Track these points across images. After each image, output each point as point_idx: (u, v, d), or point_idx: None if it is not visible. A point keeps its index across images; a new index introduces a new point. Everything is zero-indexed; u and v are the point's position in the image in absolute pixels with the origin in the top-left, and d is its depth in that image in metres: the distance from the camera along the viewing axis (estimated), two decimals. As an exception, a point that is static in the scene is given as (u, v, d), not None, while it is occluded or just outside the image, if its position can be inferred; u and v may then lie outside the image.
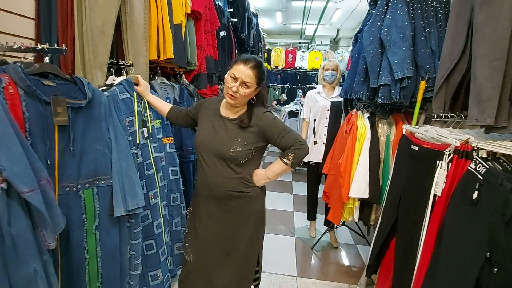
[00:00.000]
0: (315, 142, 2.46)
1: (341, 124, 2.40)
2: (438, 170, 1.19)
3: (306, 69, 8.17)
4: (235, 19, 3.78)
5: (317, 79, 7.88)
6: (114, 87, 1.37)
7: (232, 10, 3.73)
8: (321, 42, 9.50)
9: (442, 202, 1.16)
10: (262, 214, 1.41)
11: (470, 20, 1.30)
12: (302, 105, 4.89)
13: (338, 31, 9.49)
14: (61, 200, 1.18)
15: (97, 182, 1.25)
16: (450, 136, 1.20)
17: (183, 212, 1.79)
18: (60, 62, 1.21)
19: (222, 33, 3.29)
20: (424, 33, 1.58)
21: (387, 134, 1.81)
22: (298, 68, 8.24)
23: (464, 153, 1.12)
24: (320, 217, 2.67)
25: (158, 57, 1.71)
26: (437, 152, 1.22)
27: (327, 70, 2.42)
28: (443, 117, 1.42)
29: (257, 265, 1.43)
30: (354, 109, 2.02)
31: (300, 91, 7.97)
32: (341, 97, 2.28)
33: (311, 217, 2.68)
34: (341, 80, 2.56)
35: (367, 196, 1.77)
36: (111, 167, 1.28)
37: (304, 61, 8.21)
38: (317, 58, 8.14)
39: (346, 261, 2.29)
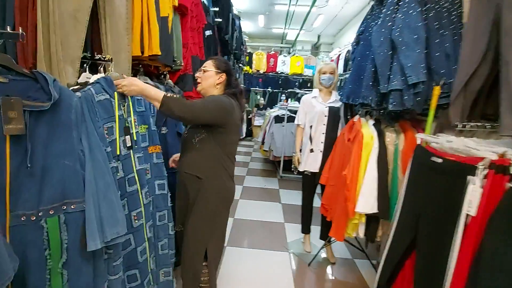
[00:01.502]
0: (311, 150, 2.31)
1: (339, 131, 2.27)
2: (470, 186, 1.05)
3: (288, 74, 8.14)
4: (220, 19, 3.59)
5: (299, 84, 7.83)
6: (89, 86, 1.11)
7: (217, 9, 3.54)
8: (302, 47, 9.55)
9: (477, 224, 1.02)
10: (212, 207, 1.43)
11: (494, 21, 1.20)
12: (287, 110, 4.77)
13: (319, 36, 9.58)
14: (14, 233, 0.91)
15: (65, 207, 0.98)
16: (482, 148, 1.07)
17: (171, 232, 1.54)
18: (17, 53, 0.94)
19: (208, 32, 3.08)
20: (438, 35, 1.48)
21: (395, 143, 1.68)
22: (279, 72, 8.18)
23: (501, 167, 1.00)
24: (314, 229, 2.52)
25: (142, 53, 1.46)
26: (467, 166, 1.09)
27: (324, 73, 2.28)
28: (464, 126, 1.30)
29: (205, 260, 1.46)
30: (357, 116, 1.88)
31: (283, 95, 7.92)
32: (341, 102, 2.15)
33: (306, 230, 2.51)
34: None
35: (375, 211, 1.63)
36: (83, 188, 1.01)
37: (285, 65, 8.16)
38: (298, 63, 8.13)
39: (345, 278, 2.14)
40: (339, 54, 5.46)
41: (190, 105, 1.29)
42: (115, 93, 1.21)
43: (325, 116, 2.26)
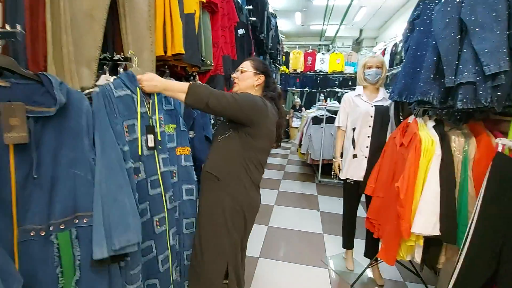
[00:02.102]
0: (355, 156, 2.03)
1: (388, 135, 1.96)
2: None
3: (327, 72, 7.74)
4: (254, 18, 3.46)
5: (339, 83, 7.40)
6: (108, 82, 1.03)
7: (251, 7, 3.41)
8: (343, 43, 9.03)
9: None
10: (234, 214, 1.28)
11: None
12: (326, 110, 4.46)
13: (361, 31, 9.00)
14: (23, 249, 0.84)
15: (77, 221, 0.90)
16: None
17: None
18: (28, 56, 0.87)
19: (241, 31, 2.96)
20: (526, 10, 1.14)
21: (465, 150, 1.36)
22: (318, 71, 7.81)
23: None
24: (358, 243, 2.23)
25: (165, 52, 1.36)
26: None
27: (369, 68, 1.99)
28: None
29: (225, 278, 1.32)
30: (412, 116, 1.58)
31: (321, 95, 7.54)
32: (391, 100, 1.84)
33: (348, 245, 2.23)
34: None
35: (437, 233, 1.32)
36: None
37: (324, 63, 7.77)
38: (338, 60, 7.68)
39: (396, 305, 1.83)
40: (384, 49, 4.99)
41: (219, 94, 1.18)
42: (138, 88, 1.11)
43: (371, 116, 1.97)
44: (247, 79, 1.35)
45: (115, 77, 1.13)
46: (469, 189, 1.32)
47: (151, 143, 1.14)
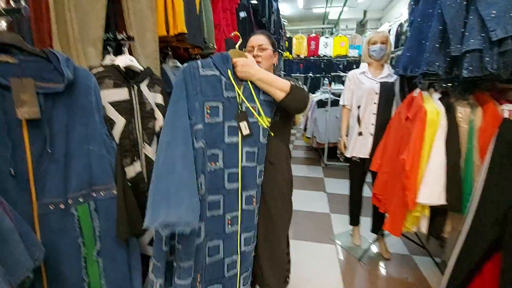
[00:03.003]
0: (360, 134, 2.03)
1: (393, 111, 1.95)
2: None
3: (331, 56, 7.60)
4: (255, 1, 3.41)
5: (343, 67, 7.28)
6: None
7: (251, -11, 3.35)
8: (346, 26, 8.84)
9: None
10: (287, 192, 1.27)
11: None
12: (330, 93, 4.42)
13: (365, 12, 8.76)
14: (43, 222, 0.88)
15: (94, 195, 0.94)
16: None
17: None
18: (33, 34, 0.89)
19: (242, 14, 2.92)
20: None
21: (470, 120, 1.35)
22: (321, 55, 7.67)
23: None
24: (364, 220, 2.26)
25: (167, 32, 1.36)
26: None
27: (374, 43, 1.96)
28: None
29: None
30: (417, 89, 1.57)
31: (326, 80, 7.45)
32: (397, 76, 1.82)
33: (355, 221, 2.27)
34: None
35: (443, 202, 1.34)
36: (112, 174, 0.96)
37: (328, 47, 7.62)
38: (342, 43, 7.53)
39: (402, 276, 1.87)
40: (389, 30, 4.87)
41: (306, 93, 1.12)
42: (229, 71, 1.04)
43: (376, 93, 1.96)
44: (269, 58, 1.23)
45: (119, 57, 1.14)
46: (475, 159, 1.32)
47: (245, 130, 1.04)
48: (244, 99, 1.06)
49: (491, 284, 1.12)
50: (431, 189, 1.34)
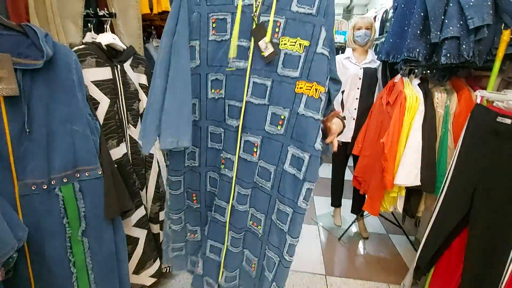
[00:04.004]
0: (343, 118, 2.08)
1: (375, 96, 2.01)
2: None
3: (317, 42, 7.55)
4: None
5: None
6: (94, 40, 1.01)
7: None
8: (333, 11, 8.72)
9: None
10: None
11: None
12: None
13: (352, -3, 8.70)
14: (25, 203, 0.87)
15: (79, 175, 0.93)
16: None
17: (287, 255, 0.89)
18: (8, 8, 0.84)
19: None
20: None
21: (446, 105, 1.42)
22: (308, 40, 7.62)
23: None
24: (346, 203, 2.36)
25: (151, 10, 1.32)
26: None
27: (359, 29, 1.98)
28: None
29: None
30: (398, 75, 1.62)
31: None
32: (379, 61, 1.86)
33: (336, 203, 2.36)
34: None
35: (418, 183, 1.42)
36: (96, 154, 0.95)
37: (314, 32, 7.57)
38: (328, 29, 7.50)
39: (380, 255, 1.99)
40: (375, 16, 4.89)
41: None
42: None
43: (360, 78, 2.00)
44: None
45: (102, 35, 1.11)
46: (449, 142, 1.41)
47: (267, 50, 0.74)
48: (264, 9, 0.76)
49: (458, 257, 1.22)
50: (408, 171, 1.41)
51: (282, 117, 0.80)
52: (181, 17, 0.76)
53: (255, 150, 0.83)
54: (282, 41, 0.76)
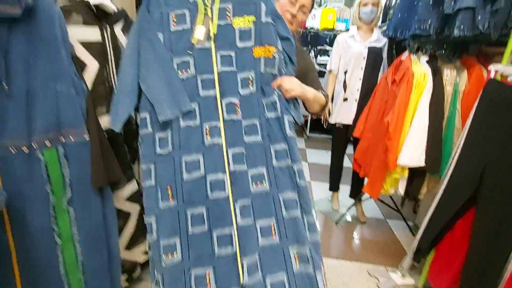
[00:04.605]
0: (345, 99, 2.02)
1: (379, 77, 1.94)
2: None
3: (318, 29, 7.40)
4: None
5: (329, 41, 7.14)
6: None
7: None
8: (335, -4, 8.54)
9: None
10: None
11: None
12: (316, 64, 4.35)
13: (355, -17, 8.48)
14: (4, 166, 0.80)
15: (63, 139, 0.86)
16: None
17: (301, 182, 0.94)
18: None
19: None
20: None
21: (456, 83, 1.36)
22: (309, 28, 7.45)
23: None
24: (343, 188, 2.33)
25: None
26: None
27: (365, 5, 1.89)
28: None
29: None
30: (406, 53, 1.54)
31: (312, 52, 7.30)
32: (386, 39, 1.78)
33: (334, 187, 2.32)
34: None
35: (422, 164, 1.37)
36: (82, 117, 0.88)
37: (315, 19, 7.36)
38: (330, 16, 7.27)
39: (377, 239, 1.97)
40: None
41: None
42: None
43: (364, 58, 1.92)
44: (300, 25, 1.19)
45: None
46: (456, 122, 1.35)
47: (198, 35, 0.91)
48: (212, 1, 0.93)
49: (461, 238, 1.19)
50: (412, 151, 1.36)
51: (251, 78, 0.94)
52: (145, 18, 0.91)
53: (237, 109, 0.92)
54: (234, 21, 0.94)
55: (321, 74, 4.27)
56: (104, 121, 1.05)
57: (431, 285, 1.32)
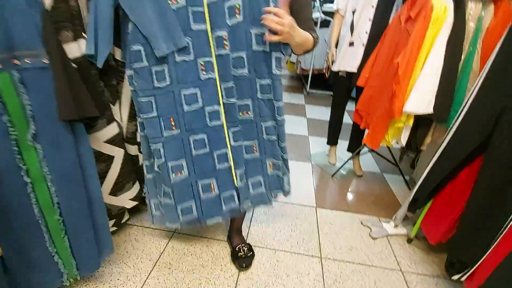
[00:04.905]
0: (351, 44, 1.83)
1: (391, 19, 1.73)
2: None
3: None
4: None
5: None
6: None
7: None
8: None
9: None
10: None
11: None
12: (321, 12, 3.98)
13: None
14: None
15: (18, 62, 0.73)
16: None
17: (279, 117, 1.07)
18: None
19: None
20: None
21: (480, 18, 1.18)
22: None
23: None
24: (341, 143, 2.25)
25: None
26: None
27: None
28: None
29: None
30: (426, -16, 1.33)
31: (317, 1, 6.73)
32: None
33: (333, 141, 2.24)
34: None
35: (431, 111, 1.26)
36: (39, 37, 0.74)
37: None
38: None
39: (372, 192, 1.94)
40: None
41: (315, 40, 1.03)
42: None
43: (376, -5, 1.70)
44: None
45: None
46: (474, 65, 1.21)
47: None
48: None
49: (461, 189, 1.13)
50: (421, 96, 1.24)
51: (237, 6, 0.89)
52: None
53: (225, 43, 0.93)
54: None
55: (327, 24, 3.95)
56: (72, 50, 0.90)
57: (425, 234, 1.30)
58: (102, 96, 1.04)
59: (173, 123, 0.98)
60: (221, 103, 0.99)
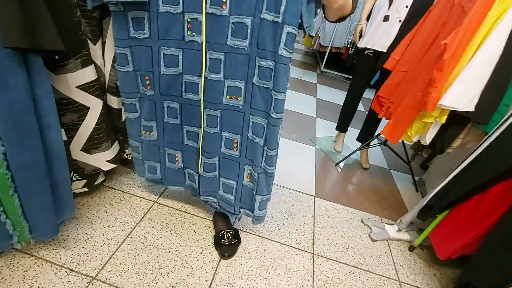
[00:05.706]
0: (386, 18, 1.57)
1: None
2: None
3: None
4: None
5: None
6: None
7: None
8: None
9: None
10: None
11: None
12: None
13: None
14: None
15: None
16: None
17: (274, 114, 0.86)
18: None
19: None
20: None
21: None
22: None
23: None
24: (351, 131, 2.07)
25: None
26: None
27: None
28: None
29: None
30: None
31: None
32: None
33: (343, 128, 2.04)
34: None
35: (471, 109, 1.06)
36: None
37: None
38: None
39: (377, 188, 1.79)
40: None
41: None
42: None
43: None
44: None
45: None
46: (537, 60, 0.99)
47: None
48: None
49: (492, 204, 0.96)
50: (465, 90, 1.03)
51: None
52: None
53: (224, 0, 0.73)
54: None
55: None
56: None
57: (434, 246, 1.16)
58: (77, 28, 0.83)
59: (148, 82, 0.88)
60: (203, 75, 0.83)
